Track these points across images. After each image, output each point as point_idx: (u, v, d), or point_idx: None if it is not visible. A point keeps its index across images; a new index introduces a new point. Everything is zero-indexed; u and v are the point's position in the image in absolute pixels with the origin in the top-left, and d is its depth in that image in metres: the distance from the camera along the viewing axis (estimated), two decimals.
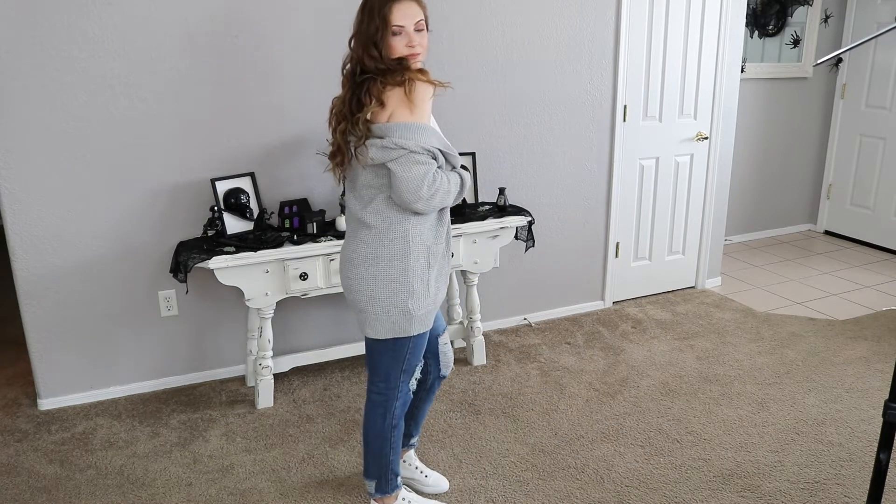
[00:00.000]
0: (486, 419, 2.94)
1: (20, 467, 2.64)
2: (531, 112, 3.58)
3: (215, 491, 2.49)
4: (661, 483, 2.52)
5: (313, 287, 2.94)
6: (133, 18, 2.78)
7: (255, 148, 3.08)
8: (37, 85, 2.72)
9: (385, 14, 1.91)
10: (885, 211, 5.09)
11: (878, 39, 4.97)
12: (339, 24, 3.07)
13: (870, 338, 3.67)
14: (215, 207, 2.93)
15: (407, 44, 1.94)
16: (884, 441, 1.82)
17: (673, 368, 3.36)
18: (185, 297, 3.13)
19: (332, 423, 2.91)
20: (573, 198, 3.82)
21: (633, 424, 2.89)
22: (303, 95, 3.10)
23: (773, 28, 4.98)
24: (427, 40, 2.01)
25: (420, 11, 1.97)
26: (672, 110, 3.99)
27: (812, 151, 5.42)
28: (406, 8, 1.94)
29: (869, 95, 5.10)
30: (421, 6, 1.99)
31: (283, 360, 3.12)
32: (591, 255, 3.97)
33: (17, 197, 2.81)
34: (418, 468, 2.49)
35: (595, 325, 3.86)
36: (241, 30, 2.95)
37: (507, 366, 3.40)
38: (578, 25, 3.57)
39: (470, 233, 3.16)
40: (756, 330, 3.78)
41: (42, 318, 2.96)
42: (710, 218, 4.28)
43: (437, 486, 2.48)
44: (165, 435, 2.85)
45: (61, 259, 2.92)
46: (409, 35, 1.94)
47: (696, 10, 3.88)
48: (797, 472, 2.57)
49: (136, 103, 2.87)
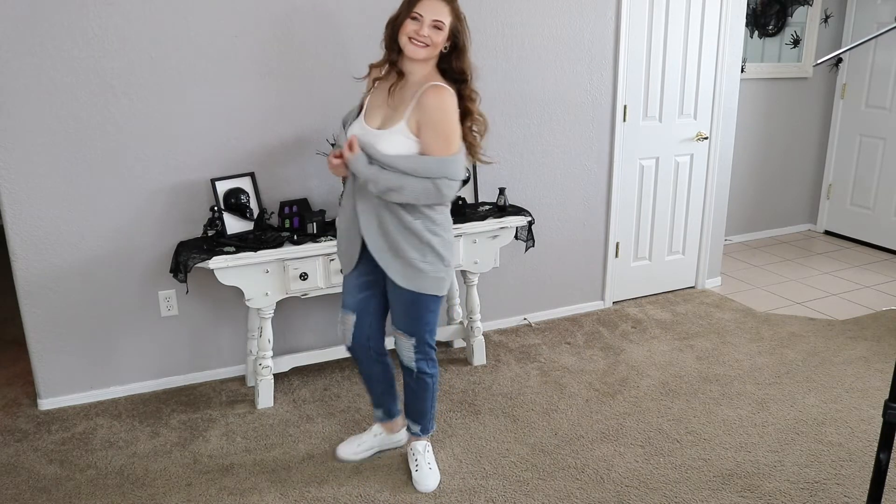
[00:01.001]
0: (486, 419, 2.94)
1: (20, 467, 2.64)
2: (531, 112, 3.58)
3: (215, 491, 2.49)
4: (661, 483, 2.52)
5: (313, 287, 2.94)
6: (133, 18, 2.78)
7: (255, 148, 3.08)
8: (37, 85, 2.72)
9: (412, 0, 2.11)
10: (885, 211, 5.09)
11: (878, 39, 4.97)
12: (339, 26, 3.07)
13: (870, 338, 3.67)
14: (215, 207, 2.93)
15: (416, 30, 2.08)
16: (884, 441, 1.82)
17: (673, 368, 3.36)
18: (185, 297, 3.13)
19: (332, 423, 2.91)
20: (573, 198, 3.82)
21: (633, 424, 2.89)
22: (303, 95, 3.10)
23: (773, 28, 4.98)
24: (442, 41, 2.12)
25: (447, 14, 2.11)
26: (672, 110, 3.99)
27: (812, 151, 5.42)
28: (433, 4, 2.10)
29: (869, 95, 5.10)
30: (453, 13, 2.13)
31: (283, 360, 3.12)
32: (591, 255, 3.98)
33: (17, 197, 2.81)
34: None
35: (595, 325, 3.86)
36: (241, 30, 2.95)
37: (507, 366, 3.40)
38: (578, 25, 3.57)
39: (470, 233, 3.16)
40: (756, 330, 3.78)
41: (42, 318, 2.96)
42: (710, 218, 4.28)
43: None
44: (165, 435, 2.85)
45: (61, 259, 2.92)
46: (422, 25, 2.08)
47: (696, 10, 3.88)
48: (797, 472, 2.57)
49: (135, 103, 2.87)
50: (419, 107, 2.11)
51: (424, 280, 2.23)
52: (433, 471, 2.52)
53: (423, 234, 2.19)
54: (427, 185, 2.11)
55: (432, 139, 2.12)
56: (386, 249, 2.23)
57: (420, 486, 2.48)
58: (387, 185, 2.12)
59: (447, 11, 2.11)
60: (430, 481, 2.49)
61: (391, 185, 2.11)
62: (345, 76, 3.02)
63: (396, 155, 2.12)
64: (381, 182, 2.12)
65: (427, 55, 2.12)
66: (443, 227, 2.24)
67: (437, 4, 2.09)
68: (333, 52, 3.09)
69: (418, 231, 2.19)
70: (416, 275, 2.22)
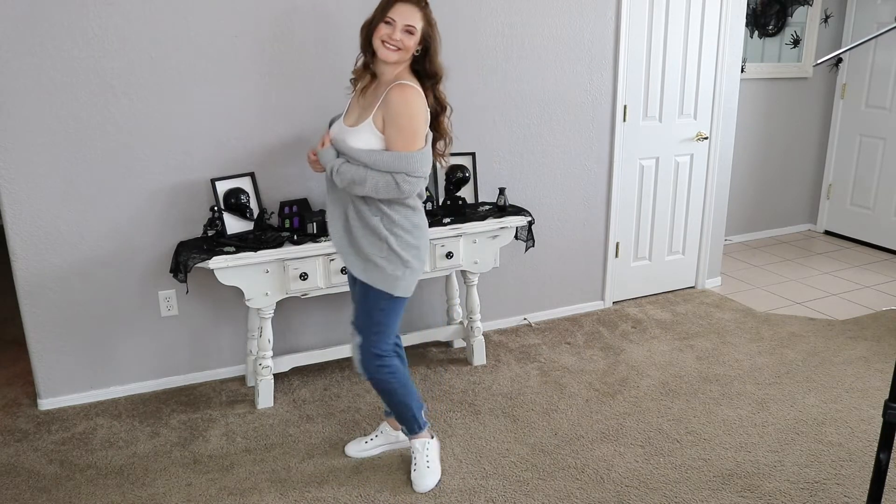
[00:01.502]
0: (486, 419, 2.94)
1: (20, 467, 2.64)
2: (531, 112, 3.58)
3: (215, 491, 2.49)
4: (661, 483, 2.52)
5: (313, 287, 2.94)
6: (133, 18, 2.78)
7: (255, 148, 3.09)
8: (37, 85, 2.72)
9: (386, 5, 2.20)
10: (885, 211, 5.09)
11: (878, 39, 4.97)
12: (339, 26, 3.08)
13: (870, 338, 3.67)
14: (215, 207, 2.93)
15: (388, 34, 2.17)
16: (884, 441, 1.82)
17: (673, 368, 3.36)
18: (185, 297, 3.13)
19: (332, 423, 2.91)
20: (573, 198, 3.82)
21: (633, 424, 2.89)
22: (303, 95, 3.10)
23: (773, 28, 4.98)
24: (413, 45, 2.20)
25: (418, 19, 2.19)
26: (672, 110, 4.00)
27: (812, 151, 5.42)
28: (405, 9, 2.18)
29: (869, 95, 5.10)
30: (424, 19, 2.21)
31: (283, 360, 3.12)
32: (591, 254, 3.98)
33: (17, 197, 2.81)
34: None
35: (595, 325, 3.86)
36: (241, 30, 2.95)
37: (507, 366, 3.40)
38: (578, 25, 3.57)
39: (470, 233, 3.16)
40: (756, 330, 3.78)
41: (42, 318, 2.96)
42: (710, 218, 4.28)
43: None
44: (165, 435, 2.85)
45: (61, 259, 2.92)
46: (395, 29, 2.17)
47: (696, 10, 3.88)
48: (797, 472, 2.57)
49: (135, 103, 2.87)
50: (384, 103, 2.20)
51: (378, 274, 2.28)
52: (431, 470, 2.52)
53: (381, 231, 2.25)
54: (388, 179, 2.18)
55: (394, 134, 2.19)
56: (347, 244, 2.32)
57: (416, 485, 2.48)
58: (350, 177, 2.20)
59: (419, 17, 2.20)
60: (425, 481, 2.49)
61: (354, 178, 2.20)
62: (345, 76, 2.98)
63: (359, 149, 2.21)
64: (344, 174, 2.22)
65: (399, 58, 2.21)
66: (402, 227, 2.27)
67: (409, 10, 2.18)
68: (333, 53, 3.09)
69: (376, 227, 2.25)
70: (372, 268, 2.28)
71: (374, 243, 2.26)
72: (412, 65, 2.28)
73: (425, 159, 2.22)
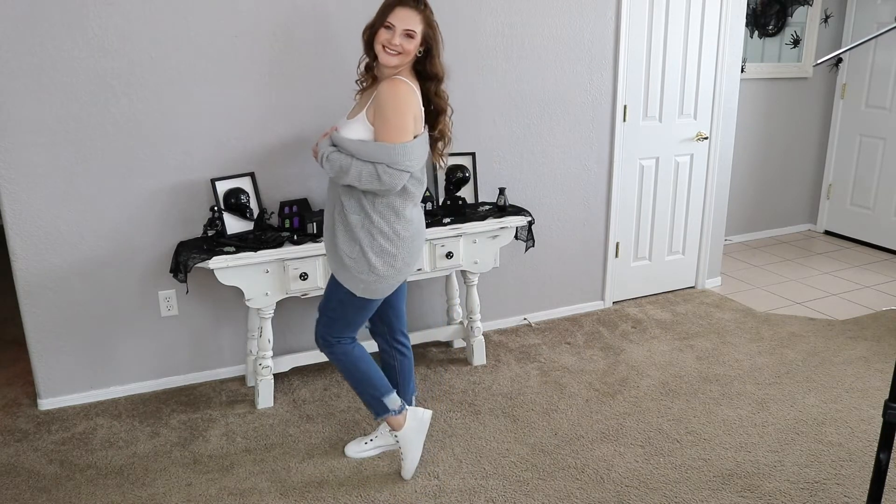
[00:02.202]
0: (486, 419, 2.94)
1: (20, 467, 2.64)
2: (531, 112, 3.58)
3: (215, 491, 2.49)
4: (661, 483, 2.52)
5: (313, 287, 2.94)
6: (133, 18, 2.78)
7: (255, 148, 3.09)
8: (37, 85, 2.72)
9: (386, 10, 2.23)
10: (885, 211, 5.09)
11: (878, 39, 4.97)
12: (339, 26, 3.08)
13: (870, 338, 3.67)
14: (215, 207, 2.93)
15: (388, 39, 2.20)
16: (884, 441, 1.82)
17: (673, 368, 3.36)
18: (185, 297, 3.13)
19: (332, 423, 2.91)
20: (573, 198, 3.82)
21: (633, 424, 2.89)
22: (303, 95, 3.10)
23: (773, 28, 4.98)
24: (414, 48, 2.23)
25: (418, 23, 2.22)
26: (672, 110, 3.99)
27: (812, 151, 5.42)
28: (405, 13, 2.21)
29: (869, 95, 5.10)
30: (424, 21, 2.24)
31: (283, 360, 3.12)
32: (591, 254, 3.98)
33: (17, 197, 2.81)
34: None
35: (595, 325, 3.86)
36: (241, 30, 2.95)
37: (507, 366, 3.40)
38: (578, 25, 3.57)
39: (470, 233, 3.16)
40: (756, 330, 3.78)
41: (42, 318, 2.96)
42: (710, 218, 4.28)
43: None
44: (165, 435, 2.85)
45: (61, 259, 2.92)
46: (394, 34, 2.19)
47: (696, 10, 3.88)
48: (797, 472, 2.57)
49: (135, 103, 2.87)
50: (375, 96, 2.24)
51: (344, 272, 2.33)
52: (404, 456, 2.53)
53: (355, 231, 2.28)
54: (370, 169, 2.21)
55: (380, 125, 2.22)
56: (330, 238, 2.37)
57: (403, 472, 2.54)
58: (339, 164, 2.24)
59: (419, 20, 2.22)
60: (404, 464, 2.54)
61: (341, 165, 2.24)
62: (345, 76, 3.02)
63: (349, 139, 2.25)
64: (333, 162, 2.26)
65: (399, 62, 2.24)
66: (381, 232, 2.29)
67: (409, 14, 2.21)
68: (333, 53, 3.09)
69: (353, 226, 2.28)
70: (340, 264, 2.33)
71: (348, 242, 2.30)
72: (414, 65, 2.31)
73: (409, 153, 2.23)
